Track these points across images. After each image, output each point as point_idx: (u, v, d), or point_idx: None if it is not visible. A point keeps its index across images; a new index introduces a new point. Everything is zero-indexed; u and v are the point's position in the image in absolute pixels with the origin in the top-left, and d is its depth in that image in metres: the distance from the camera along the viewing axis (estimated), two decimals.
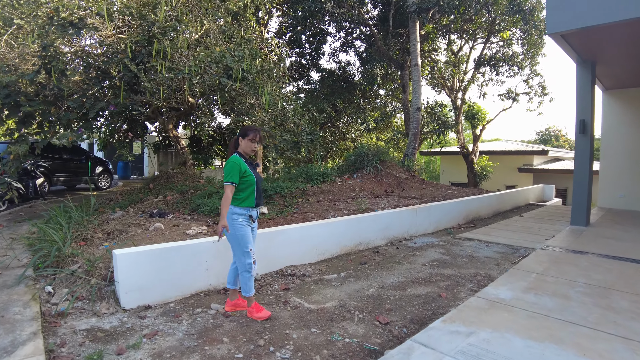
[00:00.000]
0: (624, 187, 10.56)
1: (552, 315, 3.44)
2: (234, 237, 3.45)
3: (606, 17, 5.69)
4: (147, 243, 4.69)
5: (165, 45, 6.45)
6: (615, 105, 10.71)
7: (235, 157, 3.49)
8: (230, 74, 6.63)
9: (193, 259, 3.99)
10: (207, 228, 5.54)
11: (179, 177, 10.04)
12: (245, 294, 3.55)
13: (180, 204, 7.34)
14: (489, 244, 6.64)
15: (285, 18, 16.11)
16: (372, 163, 10.61)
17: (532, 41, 16.61)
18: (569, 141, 52.45)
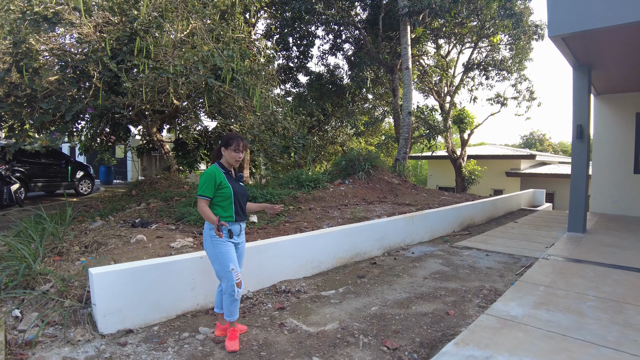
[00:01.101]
0: (616, 192, 10.50)
1: (569, 334, 3.22)
2: (213, 255, 3.14)
3: (607, 20, 5.62)
4: (128, 258, 4.30)
5: (149, 43, 6.02)
6: (606, 110, 10.67)
7: (212, 167, 3.20)
8: (218, 74, 6.26)
9: (178, 276, 3.62)
10: (193, 240, 5.15)
11: (163, 183, 9.61)
12: (226, 318, 3.18)
13: (164, 213, 6.93)
14: (489, 253, 6.41)
15: (272, 20, 15.77)
16: (363, 168, 10.34)
17: (521, 46, 16.61)
18: (552, 145, 53.20)
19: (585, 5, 5.77)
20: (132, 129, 11.61)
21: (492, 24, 14.93)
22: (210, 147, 12.42)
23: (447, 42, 18.29)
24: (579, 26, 5.83)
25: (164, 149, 10.35)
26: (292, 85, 17.77)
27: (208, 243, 3.14)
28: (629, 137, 10.35)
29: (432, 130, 15.36)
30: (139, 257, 4.34)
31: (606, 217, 9.87)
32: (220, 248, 3.09)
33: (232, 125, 8.46)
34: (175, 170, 10.46)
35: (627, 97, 10.29)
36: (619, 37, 6.25)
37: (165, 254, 4.53)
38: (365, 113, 19.21)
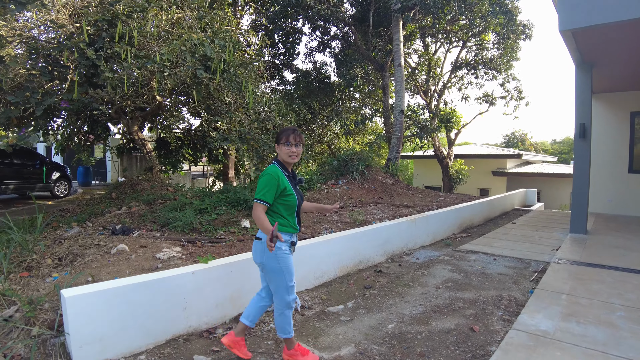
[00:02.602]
0: (611, 192, 10.34)
1: (610, 352, 2.95)
2: (276, 269, 2.77)
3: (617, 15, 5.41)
4: (108, 272, 3.76)
5: (132, 28, 5.41)
6: (602, 109, 10.50)
7: (272, 167, 2.78)
8: (208, 65, 5.71)
9: (168, 296, 3.11)
10: (181, 249, 4.61)
11: (145, 184, 8.99)
12: (282, 335, 2.87)
13: (148, 218, 6.36)
14: (496, 257, 6.09)
15: (257, 16, 15.26)
16: (357, 168, 9.93)
17: (509, 45, 16.50)
18: (534, 145, 53.90)
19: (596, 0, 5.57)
20: (111, 127, 10.93)
21: (482, 22, 14.72)
22: (194, 146, 11.81)
23: (434, 41, 18.08)
24: (590, 21, 5.61)
25: (146, 149, 9.72)
26: (278, 83, 17.28)
27: (270, 256, 2.74)
28: (623, 137, 10.21)
29: (423, 129, 15.07)
30: (120, 271, 3.81)
31: (603, 217, 9.70)
32: (286, 262, 2.77)
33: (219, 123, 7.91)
34: (157, 171, 9.84)
35: (622, 96, 10.15)
36: (625, 34, 6.07)
37: (151, 267, 4.00)
38: (352, 112, 18.84)
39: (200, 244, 5.00)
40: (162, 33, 5.98)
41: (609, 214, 10.09)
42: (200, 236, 5.44)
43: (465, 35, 16.40)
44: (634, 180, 10.10)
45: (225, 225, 6.03)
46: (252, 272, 3.77)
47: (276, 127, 7.79)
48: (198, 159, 13.03)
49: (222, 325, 3.44)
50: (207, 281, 3.36)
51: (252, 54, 8.57)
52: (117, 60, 5.70)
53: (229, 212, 6.55)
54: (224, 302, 3.49)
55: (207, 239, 5.23)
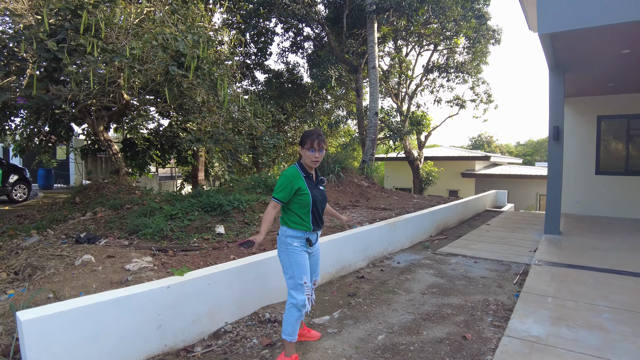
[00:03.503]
0: (578, 193, 10.60)
1: (605, 356, 2.93)
2: (285, 263, 2.93)
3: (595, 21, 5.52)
4: (72, 287, 3.40)
5: (99, 18, 4.98)
6: (570, 113, 10.74)
7: (292, 169, 2.96)
8: (181, 62, 5.36)
9: (140, 313, 2.80)
10: (153, 259, 4.28)
11: (112, 188, 8.50)
12: (285, 337, 2.83)
13: (115, 224, 5.96)
14: (476, 260, 6.05)
15: (229, 15, 14.89)
16: (333, 171, 9.76)
17: (479, 50, 16.79)
18: (499, 147, 55.44)
19: (575, 5, 5.67)
20: (75, 127, 10.31)
21: (454, 25, 14.90)
22: (163, 148, 11.32)
23: (405, 44, 18.19)
24: (568, 25, 5.70)
25: (112, 150, 9.20)
26: (250, 83, 16.92)
27: (282, 250, 2.95)
28: (590, 139, 10.51)
29: (395, 132, 15.09)
30: (86, 285, 3.46)
31: (572, 217, 9.91)
32: (295, 257, 2.88)
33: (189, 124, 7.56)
34: (124, 174, 9.34)
35: (590, 100, 10.45)
36: (598, 39, 6.25)
37: (120, 280, 3.67)
38: (325, 113, 18.70)
39: (173, 252, 4.68)
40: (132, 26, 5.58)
41: (577, 215, 10.33)
42: (172, 244, 5.12)
43: (437, 39, 16.57)
44: (600, 182, 10.39)
45: (199, 232, 5.73)
46: (233, 284, 3.51)
47: (253, 128, 7.51)
48: (166, 161, 12.52)
49: (200, 342, 3.17)
50: (183, 295, 3.07)
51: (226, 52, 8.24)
52: (82, 53, 5.25)
53: (202, 218, 6.24)
54: (202, 317, 3.21)
55: (179, 247, 4.92)
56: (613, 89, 9.65)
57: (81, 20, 4.94)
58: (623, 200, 10.04)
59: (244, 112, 7.17)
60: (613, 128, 10.38)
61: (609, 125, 10.41)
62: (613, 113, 10.22)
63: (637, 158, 10.20)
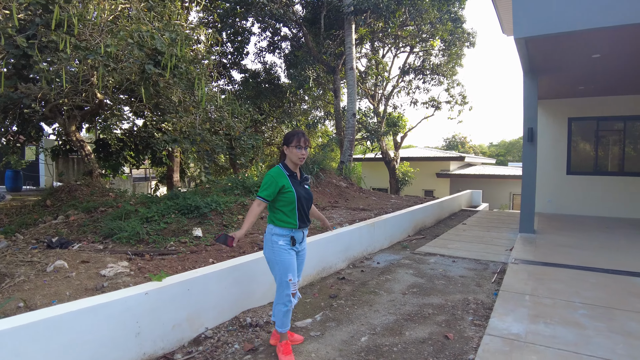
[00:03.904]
0: (550, 192, 10.88)
1: (581, 351, 3.00)
2: (271, 261, 3.02)
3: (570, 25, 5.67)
4: (44, 295, 3.25)
5: (71, 14, 4.78)
6: (542, 115, 11.02)
7: (276, 168, 3.04)
8: (158, 60, 5.21)
9: (118, 321, 2.69)
10: (129, 264, 4.14)
11: (84, 190, 8.22)
12: (278, 329, 3.03)
13: (88, 228, 5.76)
14: (455, 259, 6.13)
15: (205, 14, 14.67)
16: (312, 171, 9.72)
17: (454, 52, 17.05)
18: (473, 147, 56.54)
19: (550, 11, 5.82)
20: (45, 127, 9.93)
21: (430, 28, 15.09)
22: (137, 148, 11.03)
23: (381, 46, 18.32)
24: (543, 30, 5.85)
25: (85, 151, 8.88)
26: (226, 83, 16.70)
27: (268, 248, 3.02)
28: (562, 141, 10.81)
29: (372, 133, 15.18)
30: (59, 293, 3.31)
31: (545, 216, 10.16)
32: (281, 256, 2.95)
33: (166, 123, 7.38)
34: (97, 175, 9.05)
35: (561, 103, 10.74)
36: (571, 44, 6.42)
37: (95, 286, 3.53)
38: (303, 114, 18.66)
39: (150, 257, 4.56)
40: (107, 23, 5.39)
41: (549, 213, 10.60)
42: (148, 248, 4.98)
43: (413, 41, 16.75)
44: (571, 181, 10.71)
45: (176, 235, 5.60)
46: (213, 288, 3.43)
47: (229, 128, 7.39)
48: (140, 162, 12.22)
49: (181, 349, 3.08)
50: (162, 302, 2.98)
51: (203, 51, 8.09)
52: (54, 50, 5.03)
53: (178, 221, 6.10)
54: (182, 323, 3.12)
55: (156, 251, 4.79)
56: (583, 92, 9.95)
57: (52, 16, 4.72)
58: (593, 199, 10.37)
59: (221, 111, 7.04)
60: (583, 130, 10.72)
61: (579, 127, 10.73)
62: (583, 115, 10.55)
63: (604, 158, 10.56)
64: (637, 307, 3.90)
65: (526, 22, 5.96)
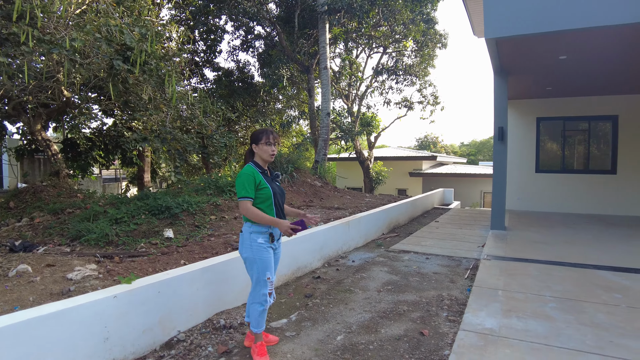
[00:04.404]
0: (519, 190, 11.16)
1: (552, 344, 3.08)
2: (250, 260, 2.93)
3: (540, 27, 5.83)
4: (5, 301, 3.08)
5: (34, 5, 4.55)
6: (512, 114, 11.30)
7: (248, 167, 2.96)
8: (127, 56, 5.04)
9: (85, 327, 2.57)
10: (97, 267, 3.99)
11: (51, 191, 7.91)
12: (253, 329, 2.96)
13: (55, 230, 5.54)
14: (428, 256, 6.19)
15: (177, 11, 14.38)
16: (287, 171, 9.67)
17: (426, 53, 17.28)
18: (444, 147, 57.49)
19: (519, 13, 5.96)
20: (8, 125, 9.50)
21: (403, 29, 15.24)
22: (106, 148, 10.70)
23: (355, 46, 18.40)
24: (513, 31, 5.99)
25: (51, 151, 8.53)
26: (199, 81, 16.42)
27: (247, 247, 2.93)
28: (531, 140, 11.12)
29: (346, 133, 15.24)
30: (22, 298, 3.16)
31: (514, 213, 10.42)
32: (260, 254, 2.90)
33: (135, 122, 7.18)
34: (65, 176, 8.72)
35: (530, 103, 11.05)
36: (539, 46, 6.58)
37: (61, 290, 3.38)
38: (277, 113, 18.54)
39: (119, 259, 4.41)
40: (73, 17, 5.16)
41: (519, 211, 10.87)
42: (118, 250, 4.83)
43: (386, 42, 16.88)
44: (540, 179, 11.03)
45: (146, 237, 5.46)
46: (185, 290, 3.34)
47: (201, 126, 7.24)
48: (110, 162, 11.86)
49: (152, 353, 2.98)
50: (132, 305, 2.87)
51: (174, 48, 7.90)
52: (15, 44, 4.78)
53: (149, 222, 5.95)
54: (153, 327, 3.02)
55: (126, 253, 4.65)
56: (551, 93, 10.26)
57: (14, 7, 4.48)
58: (560, 196, 10.71)
59: (192, 110, 6.89)
60: (550, 129, 11.05)
61: (546, 127, 11.06)
62: (550, 115, 10.88)
63: (571, 157, 10.92)
64: (603, 299, 4.03)
65: (496, 23, 6.09)
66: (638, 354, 2.87)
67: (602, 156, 10.60)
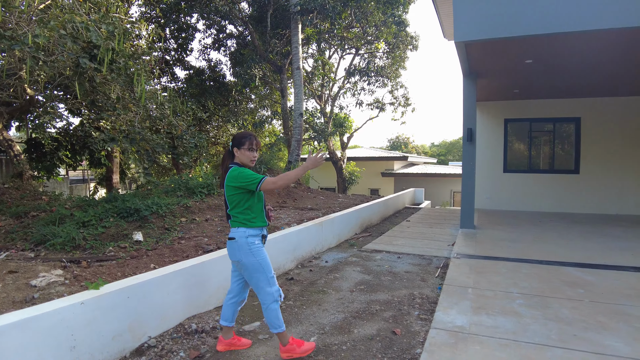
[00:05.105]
0: (488, 189, 11.46)
1: (520, 339, 3.19)
2: (254, 264, 2.86)
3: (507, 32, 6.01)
4: None
5: None
6: (480, 116, 11.60)
7: (236, 168, 2.88)
8: (94, 54, 4.89)
9: (50, 335, 2.47)
10: (64, 272, 3.85)
11: (13, 193, 7.59)
12: (274, 330, 2.92)
13: (18, 235, 5.32)
14: (400, 255, 6.28)
15: (147, 8, 14.05)
16: (260, 171, 9.61)
17: (398, 55, 17.49)
18: (415, 147, 58.41)
19: (488, 17, 6.12)
20: None
21: (375, 30, 15.38)
22: (73, 148, 10.35)
23: (327, 47, 18.46)
24: (481, 35, 6.15)
25: (14, 151, 8.19)
26: (169, 80, 16.11)
27: (246, 252, 2.86)
28: (499, 140, 11.44)
29: (320, 133, 15.27)
30: None
31: (483, 212, 10.69)
32: (261, 255, 2.89)
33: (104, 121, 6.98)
34: (28, 177, 8.38)
35: (498, 105, 11.37)
36: (506, 49, 6.79)
37: (24, 298, 3.25)
38: (249, 113, 18.38)
39: (87, 263, 4.29)
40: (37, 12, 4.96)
41: (488, 209, 11.17)
42: (85, 254, 4.69)
43: (359, 43, 17.00)
44: (507, 179, 11.37)
45: (115, 240, 5.32)
46: (155, 294, 3.28)
47: (170, 126, 7.10)
48: (77, 163, 11.48)
49: None
50: (100, 311, 2.79)
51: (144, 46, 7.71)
52: None
53: (118, 224, 5.80)
54: (123, 333, 2.95)
55: (94, 258, 4.52)
56: (518, 95, 10.59)
57: None
58: (527, 195, 11.08)
59: (162, 109, 6.75)
60: (517, 130, 11.41)
61: (514, 128, 11.41)
62: (517, 117, 11.23)
63: (537, 157, 11.30)
64: (568, 294, 4.19)
65: (466, 27, 6.23)
66: (599, 346, 2.99)
67: (566, 156, 11.03)
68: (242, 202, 2.88)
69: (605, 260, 5.62)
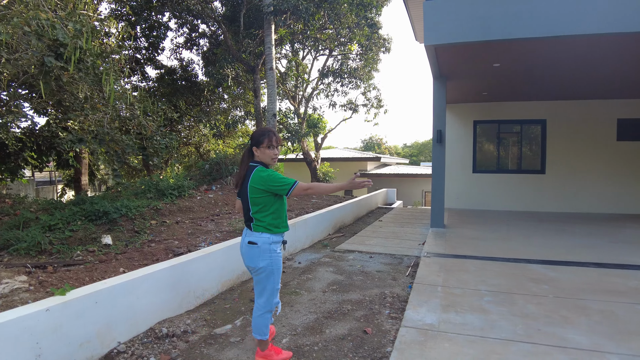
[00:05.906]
0: (458, 189, 11.73)
1: (487, 335, 3.29)
2: (269, 271, 2.78)
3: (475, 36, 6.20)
4: None
5: None
6: (450, 117, 11.85)
7: (262, 168, 2.76)
8: (60, 52, 4.75)
9: (12, 344, 2.40)
10: (28, 278, 3.75)
11: None
12: (257, 336, 2.89)
13: None
14: (372, 255, 6.38)
15: (117, 5, 13.70)
16: (232, 172, 9.54)
17: (371, 57, 17.66)
18: (388, 148, 59.11)
19: (456, 22, 6.30)
20: None
21: (348, 32, 15.49)
22: (39, 149, 10.02)
23: (301, 48, 18.48)
24: (450, 39, 6.32)
25: None
26: (140, 79, 15.75)
27: (266, 258, 2.75)
28: (468, 142, 11.74)
29: (293, 134, 15.28)
30: None
31: (453, 211, 10.94)
32: (278, 264, 2.82)
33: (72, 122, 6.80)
34: None
35: (467, 107, 11.65)
36: (474, 53, 6.98)
37: None
38: (222, 113, 18.18)
39: (53, 268, 4.18)
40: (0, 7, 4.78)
41: (457, 209, 11.43)
42: (51, 259, 4.56)
43: (332, 44, 17.08)
44: (477, 179, 11.67)
45: (83, 244, 5.20)
46: (124, 299, 3.23)
47: (140, 127, 6.97)
48: (44, 164, 11.11)
49: None
50: (67, 318, 2.73)
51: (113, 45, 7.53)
52: None
53: (86, 228, 5.66)
54: (90, 339, 2.89)
55: (60, 262, 4.41)
56: (486, 97, 10.88)
57: None
58: (496, 195, 11.40)
59: (132, 109, 6.62)
60: (486, 132, 11.72)
61: (483, 129, 11.72)
62: (486, 118, 11.55)
63: (505, 158, 11.64)
64: (533, 290, 4.36)
65: (435, 31, 6.38)
66: (562, 339, 3.13)
67: (533, 157, 11.40)
68: (268, 205, 2.75)
69: (568, 257, 5.86)
